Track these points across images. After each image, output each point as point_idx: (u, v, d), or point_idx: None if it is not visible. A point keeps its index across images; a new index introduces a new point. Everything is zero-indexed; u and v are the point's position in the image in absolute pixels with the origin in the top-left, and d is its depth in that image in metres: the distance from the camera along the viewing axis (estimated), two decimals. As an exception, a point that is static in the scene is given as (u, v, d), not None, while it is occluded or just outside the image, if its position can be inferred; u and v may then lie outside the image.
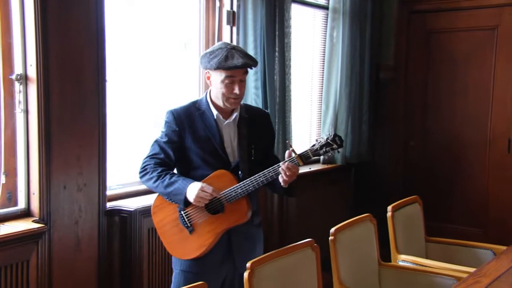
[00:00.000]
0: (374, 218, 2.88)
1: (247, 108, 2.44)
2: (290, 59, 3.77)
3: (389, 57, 4.84)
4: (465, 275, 2.45)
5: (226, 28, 3.58)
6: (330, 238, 2.52)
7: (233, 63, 2.18)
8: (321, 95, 4.48)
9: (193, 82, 3.55)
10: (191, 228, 2.27)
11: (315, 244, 2.37)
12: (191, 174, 2.32)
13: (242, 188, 2.21)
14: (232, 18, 3.54)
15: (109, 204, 2.84)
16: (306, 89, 4.51)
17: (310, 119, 4.59)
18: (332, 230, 2.54)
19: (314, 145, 2.22)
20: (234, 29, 3.54)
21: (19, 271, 2.40)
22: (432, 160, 4.74)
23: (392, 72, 4.83)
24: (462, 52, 4.54)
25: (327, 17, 4.39)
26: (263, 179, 2.20)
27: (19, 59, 2.48)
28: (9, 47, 2.49)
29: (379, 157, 4.88)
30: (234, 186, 2.22)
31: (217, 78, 2.24)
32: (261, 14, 3.51)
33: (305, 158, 2.20)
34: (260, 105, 3.56)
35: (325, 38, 4.40)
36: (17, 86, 2.49)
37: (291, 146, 2.23)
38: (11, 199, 2.56)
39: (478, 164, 4.52)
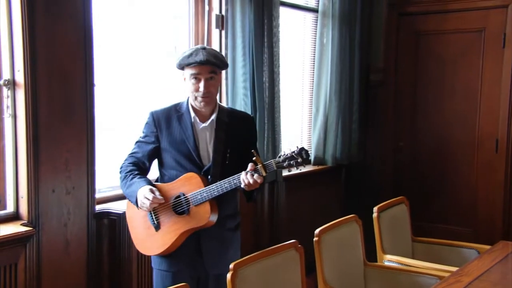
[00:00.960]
0: (361, 219, 2.92)
1: (231, 112, 2.47)
2: (278, 61, 3.81)
3: (379, 59, 4.88)
4: (448, 275, 2.49)
5: (215, 32, 3.61)
6: (315, 239, 2.55)
7: (194, 59, 2.24)
8: (312, 97, 4.52)
9: (183, 85, 3.58)
10: (157, 226, 2.33)
11: (300, 245, 2.40)
12: (166, 174, 2.40)
13: (207, 192, 2.24)
14: (221, 22, 3.57)
15: (98, 207, 2.87)
16: (297, 92, 4.55)
17: (301, 121, 4.63)
18: (317, 231, 2.58)
19: (279, 157, 2.21)
20: (223, 32, 3.57)
21: (7, 274, 2.43)
22: (422, 160, 4.78)
23: (382, 74, 4.88)
24: (450, 54, 4.59)
25: (317, 20, 4.44)
26: (227, 185, 2.22)
27: (7, 65, 2.52)
28: (-3, 53, 2.53)
29: (369, 158, 4.93)
30: (201, 189, 2.26)
31: (186, 77, 2.31)
32: (249, 18, 3.55)
33: (268, 169, 2.20)
34: (249, 107, 3.60)
35: (315, 41, 4.44)
36: (5, 91, 2.52)
37: (255, 156, 2.21)
38: (0, 202, 2.59)
39: (467, 164, 4.56)
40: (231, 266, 2.08)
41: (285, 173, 4.01)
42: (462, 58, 4.54)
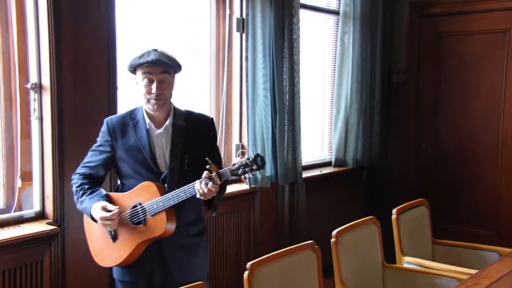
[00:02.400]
0: (382, 221, 2.94)
1: (188, 115, 2.37)
2: (299, 63, 3.83)
3: (401, 60, 4.86)
4: (467, 277, 2.48)
5: (236, 35, 3.67)
6: (332, 240, 2.57)
7: (145, 59, 2.18)
8: (333, 99, 4.53)
9: (205, 88, 3.65)
10: (114, 237, 2.27)
11: (316, 246, 2.42)
12: (125, 183, 2.33)
13: (163, 202, 2.18)
14: (242, 25, 3.62)
15: (120, 207, 2.94)
16: (318, 93, 4.57)
17: (322, 123, 4.64)
18: (334, 232, 2.60)
19: (234, 164, 2.15)
20: (244, 35, 3.62)
21: (33, 270, 2.52)
22: (444, 162, 4.74)
23: (404, 75, 4.86)
24: (473, 55, 4.54)
25: (338, 22, 4.45)
26: (183, 194, 2.17)
27: (34, 69, 2.61)
28: (24, 58, 2.63)
29: (390, 160, 4.91)
30: (157, 199, 2.19)
31: (138, 79, 2.25)
32: (270, 21, 3.59)
33: (223, 177, 2.14)
34: (269, 109, 3.63)
35: (336, 43, 4.45)
36: (32, 95, 2.62)
37: (210, 164, 2.14)
38: (27, 202, 2.68)
39: (490, 166, 4.51)
40: (248, 265, 2.12)
41: (305, 174, 4.04)
42: (485, 59, 4.49)
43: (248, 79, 3.56)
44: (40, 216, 2.67)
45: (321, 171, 4.36)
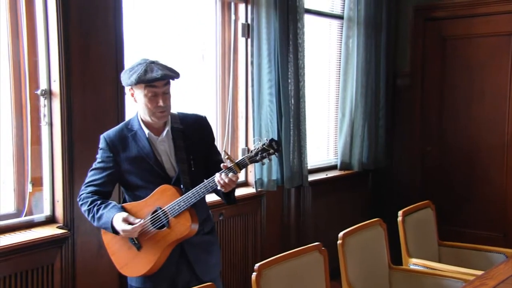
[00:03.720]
0: (388, 223, 2.96)
1: (182, 117, 2.40)
2: (303, 68, 3.87)
3: (405, 64, 4.89)
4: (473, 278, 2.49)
5: (241, 40, 3.71)
6: (339, 242, 2.60)
7: (152, 75, 2.18)
8: (338, 103, 4.56)
9: (211, 93, 3.69)
10: (138, 245, 2.28)
11: (323, 248, 2.45)
12: (136, 194, 2.33)
13: (185, 201, 2.20)
14: (247, 30, 3.66)
15: (129, 211, 2.98)
16: (323, 97, 4.60)
17: (328, 127, 4.67)
18: (341, 234, 2.62)
19: (251, 152, 2.17)
20: (249, 40, 3.66)
21: (44, 274, 2.56)
22: (450, 165, 4.76)
23: (409, 79, 4.88)
24: (478, 58, 4.56)
25: (342, 26, 4.48)
26: (204, 190, 2.19)
27: (44, 76, 2.66)
28: (34, 65, 2.68)
29: (396, 162, 4.93)
30: (177, 200, 2.21)
31: (140, 93, 2.24)
32: (275, 26, 3.63)
33: (242, 166, 2.17)
34: (274, 113, 3.66)
35: (341, 47, 4.49)
36: (42, 101, 2.66)
37: (227, 155, 2.19)
38: (37, 206, 2.72)
39: (496, 168, 4.52)
40: (256, 267, 2.15)
41: (311, 178, 4.07)
42: (490, 62, 4.51)
43: (254, 83, 3.60)
44: (51, 220, 2.71)
45: (327, 175, 4.39)
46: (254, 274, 2.13)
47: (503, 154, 4.48)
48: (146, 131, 2.31)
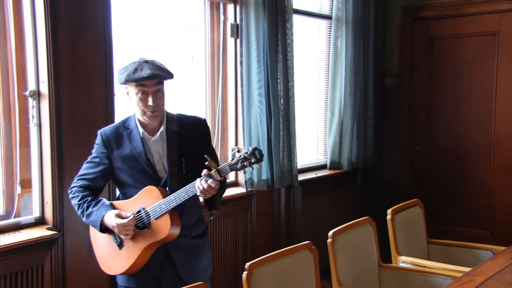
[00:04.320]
0: (378, 222, 2.98)
1: (180, 119, 2.40)
2: (292, 68, 3.88)
3: (393, 64, 4.93)
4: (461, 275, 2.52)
5: (230, 41, 3.72)
6: (328, 240, 2.62)
7: (140, 74, 2.18)
8: (327, 103, 4.58)
9: (200, 93, 3.69)
10: (120, 244, 2.29)
11: (313, 246, 2.46)
12: (126, 192, 2.36)
13: (166, 204, 2.20)
14: (236, 30, 3.68)
15: (119, 212, 2.97)
16: (312, 97, 4.63)
17: (317, 127, 4.70)
18: (330, 233, 2.64)
19: (232, 159, 2.17)
20: (238, 41, 3.67)
21: (34, 275, 2.55)
22: (438, 164, 4.80)
23: (397, 79, 4.92)
24: (465, 58, 4.61)
25: (331, 26, 4.51)
26: (184, 194, 2.19)
27: (32, 77, 2.65)
28: (23, 66, 2.66)
29: (385, 162, 4.97)
30: (159, 202, 2.22)
31: (132, 92, 2.25)
32: (263, 26, 3.64)
33: (222, 173, 2.17)
34: (264, 114, 3.67)
35: (329, 47, 4.51)
36: (31, 102, 2.65)
37: (208, 160, 2.17)
38: (27, 208, 2.71)
39: (484, 166, 4.57)
40: (247, 266, 2.16)
41: (300, 177, 4.08)
42: (476, 62, 4.56)
43: (243, 83, 3.61)
44: (40, 221, 2.69)
45: (316, 174, 4.41)
46: (244, 273, 2.14)
47: (490, 153, 4.54)
48: (141, 130, 2.31)
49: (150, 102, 2.23)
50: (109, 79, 2.85)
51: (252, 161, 2.14)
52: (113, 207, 2.30)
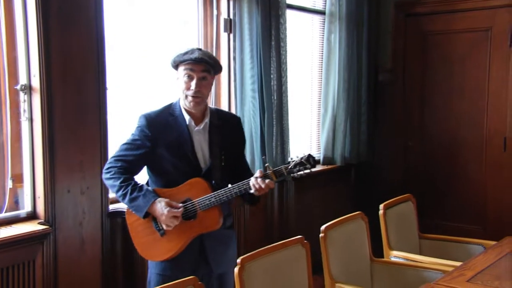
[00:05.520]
0: (371, 217, 2.99)
1: (219, 114, 2.48)
2: (286, 63, 3.88)
3: (387, 60, 4.94)
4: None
5: (223, 35, 3.71)
6: (321, 235, 2.62)
7: (189, 56, 2.27)
8: (320, 98, 4.59)
9: (175, 85, 3.66)
10: (162, 231, 2.32)
11: (305, 241, 2.47)
12: (162, 178, 2.38)
13: (216, 198, 2.27)
14: (229, 25, 3.67)
15: (111, 207, 2.97)
16: (306, 93, 4.63)
17: (310, 122, 4.70)
18: (323, 227, 2.64)
19: (289, 163, 2.28)
20: (231, 36, 3.67)
21: (25, 270, 2.54)
22: (431, 159, 4.82)
23: (390, 74, 4.93)
24: (457, 53, 4.63)
25: (324, 22, 4.50)
26: (237, 190, 2.27)
27: (23, 71, 2.63)
28: (14, 60, 2.65)
29: (378, 157, 4.98)
30: (209, 195, 2.28)
31: (180, 74, 2.32)
32: (257, 21, 3.63)
33: (279, 175, 2.27)
34: (257, 109, 3.68)
35: (323, 42, 4.51)
36: (22, 96, 2.64)
37: (266, 163, 2.31)
38: (18, 202, 2.70)
39: (476, 162, 4.59)
40: (239, 260, 2.16)
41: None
42: (469, 58, 4.57)
43: (236, 79, 3.61)
44: (32, 216, 2.68)
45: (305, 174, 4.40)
46: (237, 268, 2.15)
47: (482, 148, 4.56)
48: (187, 117, 2.35)
49: (193, 86, 2.27)
50: (101, 73, 2.84)
51: (307, 166, 2.26)
52: (157, 194, 2.31)
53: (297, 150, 4.41)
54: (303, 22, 4.52)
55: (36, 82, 2.61)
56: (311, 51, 4.62)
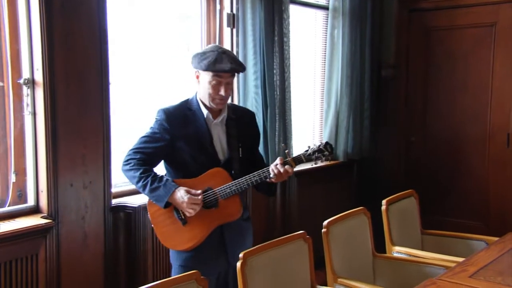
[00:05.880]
0: (373, 213, 2.99)
1: (234, 109, 2.57)
2: (289, 59, 3.87)
3: (390, 55, 4.92)
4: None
5: (226, 30, 3.70)
6: (323, 230, 2.62)
7: (221, 67, 2.31)
8: (323, 94, 4.58)
9: (197, 84, 3.67)
10: (184, 221, 2.37)
11: (308, 236, 2.47)
12: (180, 171, 2.43)
13: (237, 186, 2.34)
14: (232, 20, 3.66)
15: (114, 201, 2.98)
16: (309, 88, 4.62)
17: (313, 117, 4.69)
18: (325, 223, 2.64)
19: (307, 150, 2.36)
20: (234, 31, 3.65)
21: (28, 264, 2.55)
22: (433, 155, 4.81)
23: (393, 70, 4.92)
24: (461, 49, 4.61)
25: (327, 17, 4.49)
26: (257, 178, 2.33)
27: (27, 64, 2.63)
28: (17, 54, 2.64)
29: (381, 153, 4.97)
30: (229, 183, 2.35)
31: (205, 78, 2.37)
32: (260, 16, 3.62)
33: (298, 161, 2.35)
34: (260, 104, 3.68)
35: (326, 38, 4.50)
36: (25, 90, 2.64)
37: (286, 149, 2.39)
38: (21, 196, 2.71)
39: (479, 158, 4.58)
40: (241, 255, 2.16)
41: (296, 168, 4.06)
42: (473, 53, 4.56)
43: (239, 74, 3.59)
44: (35, 210, 2.69)
45: (312, 165, 4.39)
46: (239, 262, 2.15)
47: (485, 144, 4.55)
48: (205, 111, 2.42)
49: (222, 92, 2.35)
50: (104, 68, 2.84)
51: (325, 153, 2.33)
52: (178, 184, 2.35)
53: (300, 145, 4.41)
54: (306, 17, 4.51)
55: (39, 76, 2.61)
56: (314, 46, 4.61)
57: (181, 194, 2.30)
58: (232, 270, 2.45)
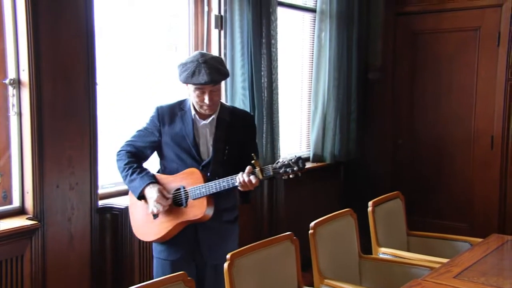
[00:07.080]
0: (359, 214, 3.01)
1: (232, 111, 2.58)
2: (276, 61, 3.89)
3: (377, 58, 4.96)
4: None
5: (214, 32, 3.70)
6: (310, 231, 2.64)
7: (198, 80, 2.32)
8: (310, 96, 4.60)
9: (184, 85, 3.66)
10: (155, 214, 2.46)
11: (295, 237, 2.48)
12: (167, 166, 2.54)
13: (206, 188, 2.37)
14: (220, 22, 3.66)
15: (100, 202, 2.96)
16: (296, 90, 4.64)
17: (300, 119, 4.71)
18: (312, 224, 2.66)
19: (277, 163, 2.31)
20: (222, 32, 3.66)
21: (13, 265, 2.53)
22: (419, 157, 4.86)
23: (380, 72, 4.96)
24: (446, 53, 4.67)
25: (315, 19, 4.52)
26: (225, 184, 2.34)
27: (12, 64, 2.61)
28: (2, 53, 2.62)
29: (367, 155, 5.01)
30: (200, 185, 2.39)
31: (190, 88, 2.43)
32: (248, 18, 3.63)
33: (264, 173, 2.31)
34: (247, 106, 3.68)
35: (313, 40, 4.52)
36: (11, 90, 2.61)
37: (254, 160, 2.31)
38: (6, 198, 2.68)
39: (463, 160, 4.64)
40: (228, 256, 2.17)
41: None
42: (458, 57, 4.61)
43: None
44: (20, 211, 2.66)
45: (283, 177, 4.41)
46: (226, 263, 2.15)
47: (470, 147, 4.60)
48: (193, 112, 2.48)
49: (207, 101, 2.39)
50: (91, 68, 2.83)
51: (295, 168, 2.27)
52: (155, 178, 2.46)
53: (287, 147, 4.43)
54: (294, 19, 4.53)
55: (25, 77, 2.59)
56: (302, 48, 4.64)
57: (153, 190, 2.39)
58: (209, 269, 2.51)
